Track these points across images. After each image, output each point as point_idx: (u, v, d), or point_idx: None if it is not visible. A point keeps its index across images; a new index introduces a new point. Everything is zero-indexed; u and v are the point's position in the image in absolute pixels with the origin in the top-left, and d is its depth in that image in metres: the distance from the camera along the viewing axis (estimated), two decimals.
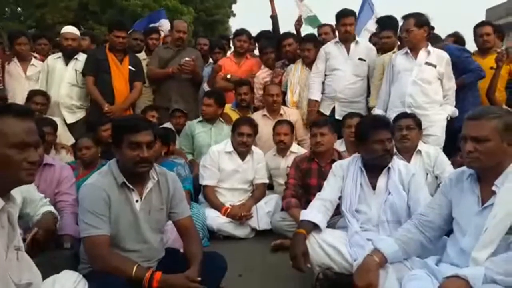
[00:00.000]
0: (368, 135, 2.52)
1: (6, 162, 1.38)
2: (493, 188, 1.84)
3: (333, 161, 3.31)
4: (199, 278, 1.97)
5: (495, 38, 4.44)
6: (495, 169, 1.85)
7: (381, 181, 2.53)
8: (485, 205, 1.86)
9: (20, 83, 4.45)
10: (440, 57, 3.77)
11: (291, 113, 4.33)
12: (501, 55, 4.11)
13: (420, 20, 3.71)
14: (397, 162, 2.61)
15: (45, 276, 1.73)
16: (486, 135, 1.80)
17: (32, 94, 4.11)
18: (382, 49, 4.48)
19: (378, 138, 2.48)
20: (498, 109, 2.00)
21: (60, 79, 4.44)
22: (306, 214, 2.48)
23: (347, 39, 4.32)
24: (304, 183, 3.41)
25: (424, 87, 3.72)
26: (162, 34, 5.61)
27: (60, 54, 4.57)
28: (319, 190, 2.70)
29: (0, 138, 1.37)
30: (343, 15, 4.32)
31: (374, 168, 2.55)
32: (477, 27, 4.44)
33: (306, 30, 5.31)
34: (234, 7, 21.31)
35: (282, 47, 4.68)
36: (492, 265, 1.68)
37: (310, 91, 4.35)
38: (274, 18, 5.12)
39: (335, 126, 3.69)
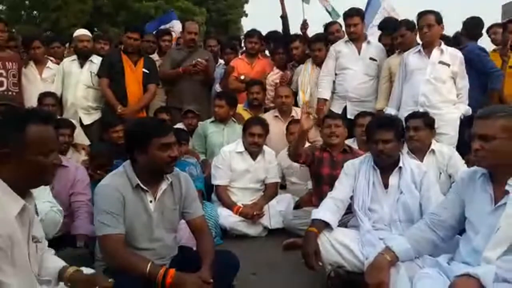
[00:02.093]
0: (368, 134, 2.63)
1: (37, 167, 1.46)
2: (506, 187, 1.82)
3: (345, 151, 3.41)
4: (211, 280, 2.00)
5: None
6: (508, 168, 1.84)
7: (393, 180, 2.54)
8: (498, 204, 1.85)
9: (36, 85, 4.53)
10: (453, 56, 3.74)
11: None
12: (506, 49, 4.15)
13: (439, 16, 3.70)
14: (409, 161, 2.62)
15: None
16: (492, 134, 1.80)
17: (42, 96, 4.18)
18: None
19: (374, 138, 2.55)
20: (507, 107, 1.99)
21: (76, 82, 4.53)
22: (318, 213, 2.50)
23: (356, 39, 4.29)
24: (316, 172, 3.43)
25: (437, 86, 3.70)
26: (174, 35, 5.67)
27: (75, 56, 4.66)
28: (331, 180, 2.76)
29: (31, 146, 1.42)
30: (347, 15, 4.29)
31: (385, 167, 2.56)
32: (509, 23, 4.45)
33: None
34: (246, 7, 21.39)
35: (290, 50, 4.70)
36: (504, 264, 1.67)
37: (319, 90, 4.33)
38: (284, 18, 5.13)
39: (347, 125, 3.68)
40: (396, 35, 4.24)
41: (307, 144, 3.99)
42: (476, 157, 1.88)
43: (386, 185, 2.55)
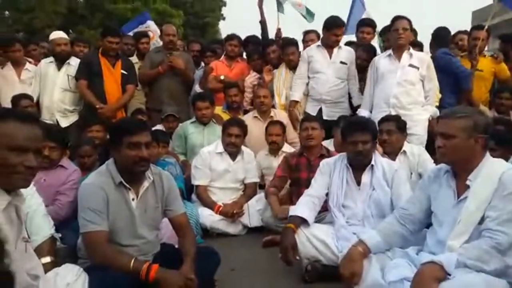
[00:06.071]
0: (345, 136, 2.72)
1: (2, 164, 1.41)
2: (467, 182, 1.98)
3: (322, 155, 3.49)
4: (193, 276, 2.05)
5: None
6: (468, 165, 2.00)
7: (365, 177, 2.68)
8: (460, 198, 2.00)
9: (14, 87, 4.49)
10: (421, 59, 3.93)
11: (281, 116, 4.44)
12: (475, 54, 4.39)
13: (411, 23, 3.89)
14: (381, 160, 2.76)
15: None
16: (452, 133, 1.97)
17: (17, 98, 4.13)
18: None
19: (351, 140, 2.67)
20: (469, 109, 2.16)
21: (53, 84, 4.51)
22: (295, 210, 2.62)
23: (332, 46, 4.42)
24: (295, 177, 3.56)
25: (407, 88, 3.86)
26: (151, 34, 5.71)
27: (52, 58, 4.62)
28: (309, 184, 2.84)
29: (1, 140, 1.41)
30: (337, 26, 4.38)
31: (358, 165, 2.69)
32: (474, 29, 4.68)
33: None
34: (224, 10, 21.46)
35: (267, 54, 4.83)
36: (464, 251, 1.82)
37: (291, 92, 4.50)
38: (263, 23, 5.25)
39: (324, 126, 3.80)
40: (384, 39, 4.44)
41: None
42: (439, 153, 2.05)
43: (359, 183, 2.69)
